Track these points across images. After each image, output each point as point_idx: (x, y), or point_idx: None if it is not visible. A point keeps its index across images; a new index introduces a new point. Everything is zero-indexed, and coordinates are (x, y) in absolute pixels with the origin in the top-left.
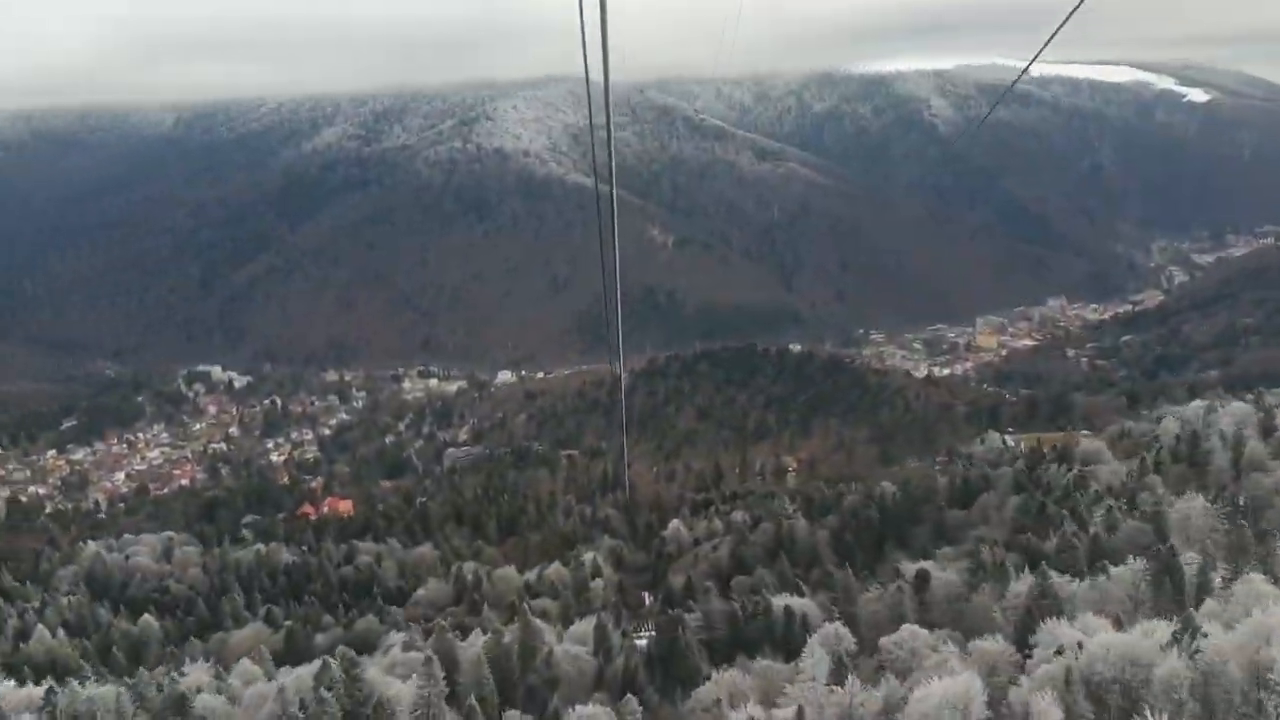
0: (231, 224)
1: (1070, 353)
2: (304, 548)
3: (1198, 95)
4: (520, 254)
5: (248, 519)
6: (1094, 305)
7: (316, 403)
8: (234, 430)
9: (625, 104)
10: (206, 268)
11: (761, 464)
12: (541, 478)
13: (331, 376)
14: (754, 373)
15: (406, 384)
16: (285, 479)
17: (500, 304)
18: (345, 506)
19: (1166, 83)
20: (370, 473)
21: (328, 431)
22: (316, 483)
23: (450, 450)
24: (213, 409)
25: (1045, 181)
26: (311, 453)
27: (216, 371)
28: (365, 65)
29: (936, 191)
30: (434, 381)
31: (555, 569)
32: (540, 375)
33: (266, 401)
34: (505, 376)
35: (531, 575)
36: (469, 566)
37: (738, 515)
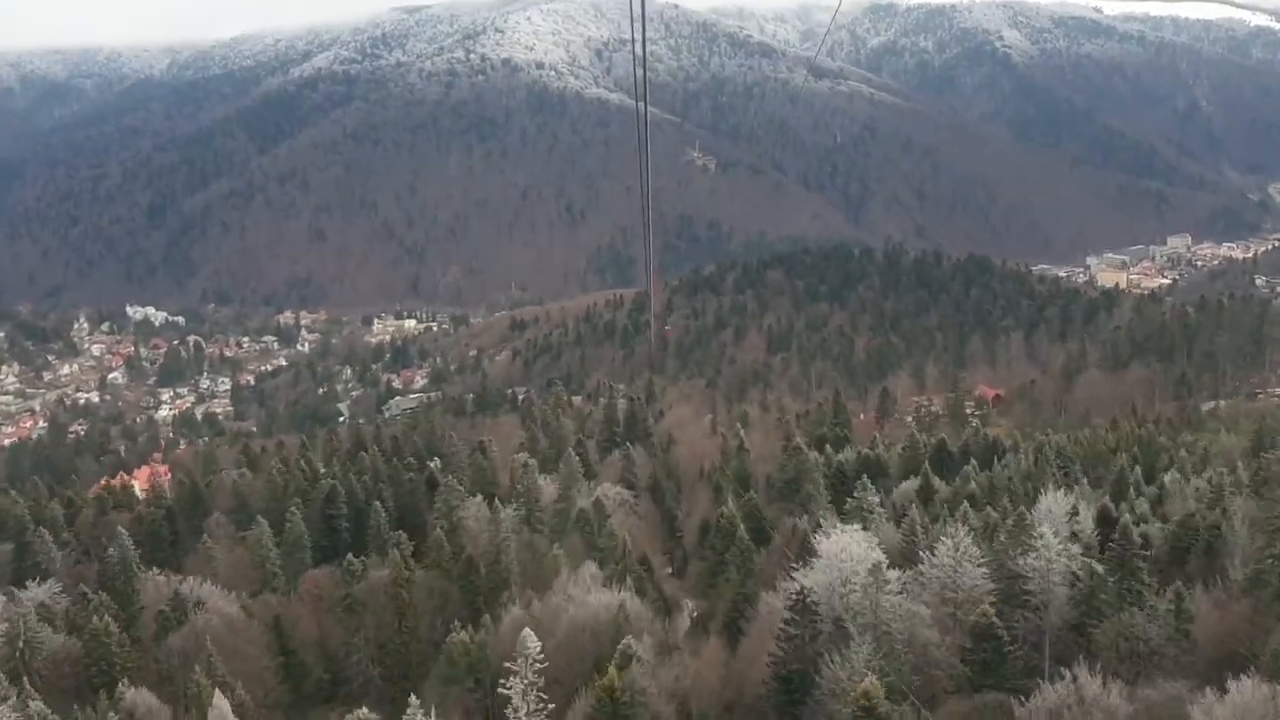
0: (190, 146)
1: (1260, 280)
2: None
3: None
4: (529, 178)
5: None
6: (1228, 244)
7: (248, 345)
8: (117, 376)
9: (658, 18)
10: (157, 196)
11: (925, 401)
12: (503, 428)
13: (287, 319)
14: (851, 283)
15: (376, 326)
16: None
17: (505, 237)
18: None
19: (1261, 19)
20: (281, 429)
21: (251, 380)
22: (185, 445)
23: (396, 399)
24: (97, 350)
25: (1139, 119)
26: (221, 405)
27: (139, 310)
28: None
29: (1017, 124)
30: (410, 322)
31: None
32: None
33: (176, 343)
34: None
35: None
36: None
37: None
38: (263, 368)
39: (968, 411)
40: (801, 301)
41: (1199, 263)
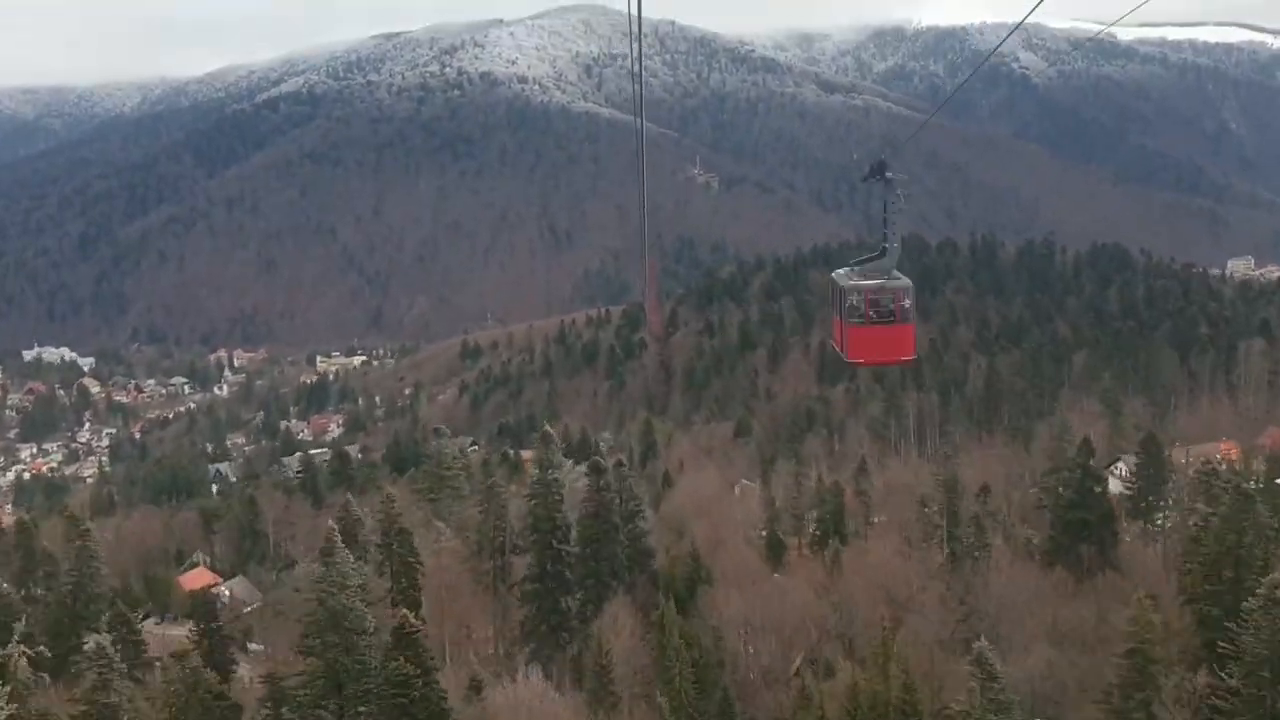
0: (133, 172)
1: None
2: None
3: None
4: (508, 199)
5: None
6: None
7: (152, 389)
8: None
9: (653, 34)
10: (90, 225)
11: (1197, 460)
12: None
13: (206, 360)
14: (933, 283)
15: (320, 364)
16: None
17: (480, 264)
18: None
19: None
20: (137, 497)
21: (138, 431)
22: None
23: (297, 455)
24: None
25: (1168, 142)
26: (91, 466)
27: (38, 350)
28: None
29: (1044, 143)
30: (358, 360)
31: None
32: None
33: (57, 388)
34: None
35: None
36: None
37: None
38: (167, 415)
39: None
40: None
41: None
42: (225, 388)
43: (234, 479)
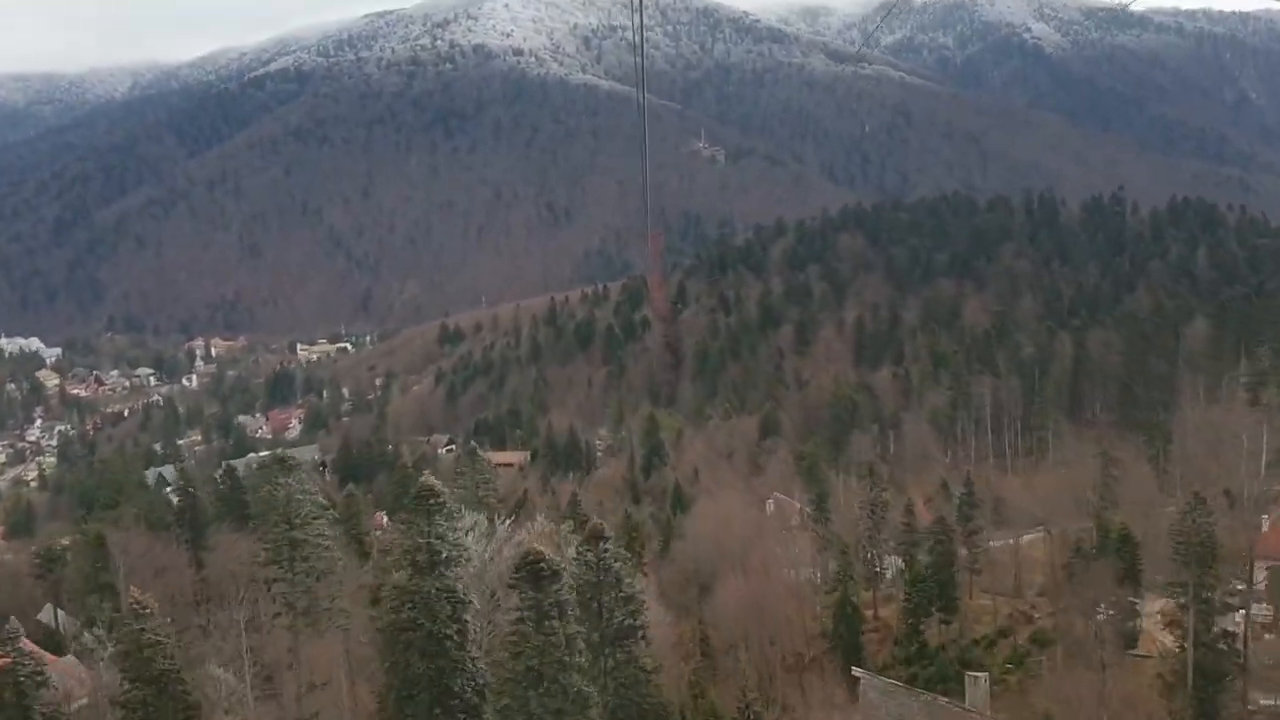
0: (110, 153)
1: None
2: None
3: None
4: (503, 175)
5: None
6: None
7: (114, 382)
8: None
9: (653, 4)
10: (65, 209)
11: None
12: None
13: (180, 349)
14: (985, 247)
15: (300, 352)
16: None
17: (474, 244)
18: None
19: None
20: (63, 510)
21: (90, 428)
22: None
23: (249, 457)
24: None
25: (1186, 111)
26: (34, 468)
27: (5, 342)
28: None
29: (1059, 114)
30: (334, 349)
31: None
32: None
33: (10, 382)
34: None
35: None
36: None
37: None
38: (123, 411)
39: None
40: (905, 278)
41: None
42: (195, 379)
43: (170, 484)
